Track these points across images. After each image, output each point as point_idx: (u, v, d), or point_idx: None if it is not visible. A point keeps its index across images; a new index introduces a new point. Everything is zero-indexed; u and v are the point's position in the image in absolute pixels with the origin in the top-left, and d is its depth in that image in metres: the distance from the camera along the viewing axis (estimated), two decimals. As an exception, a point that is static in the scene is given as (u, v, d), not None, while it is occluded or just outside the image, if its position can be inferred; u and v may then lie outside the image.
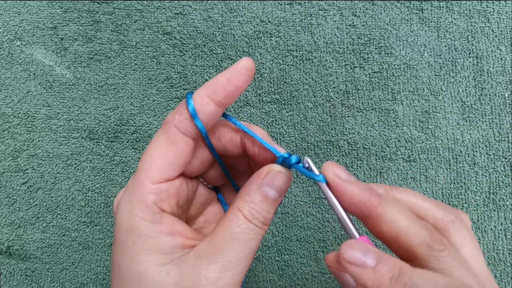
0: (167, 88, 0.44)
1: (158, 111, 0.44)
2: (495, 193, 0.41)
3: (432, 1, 0.44)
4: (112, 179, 0.43)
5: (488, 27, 0.43)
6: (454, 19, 0.43)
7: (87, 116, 0.44)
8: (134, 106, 0.44)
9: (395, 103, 0.43)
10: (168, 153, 0.24)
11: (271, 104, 0.43)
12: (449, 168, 0.42)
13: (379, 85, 0.43)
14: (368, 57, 0.43)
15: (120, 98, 0.44)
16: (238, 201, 0.24)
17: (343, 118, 0.43)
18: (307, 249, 0.41)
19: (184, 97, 0.44)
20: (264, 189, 0.24)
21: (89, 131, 0.44)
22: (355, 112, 0.43)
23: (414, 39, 0.43)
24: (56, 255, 0.43)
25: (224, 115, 0.26)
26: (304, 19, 0.44)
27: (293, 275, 0.41)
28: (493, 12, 0.43)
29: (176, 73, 0.44)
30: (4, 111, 0.44)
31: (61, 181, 0.43)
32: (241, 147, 0.27)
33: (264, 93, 0.43)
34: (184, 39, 0.44)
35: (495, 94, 0.42)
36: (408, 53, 0.43)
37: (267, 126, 0.43)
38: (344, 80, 0.43)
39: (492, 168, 0.42)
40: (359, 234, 0.23)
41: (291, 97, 0.43)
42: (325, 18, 0.44)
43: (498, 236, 0.41)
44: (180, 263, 0.23)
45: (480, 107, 0.42)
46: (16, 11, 0.45)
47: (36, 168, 0.43)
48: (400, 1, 0.44)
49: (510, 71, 0.43)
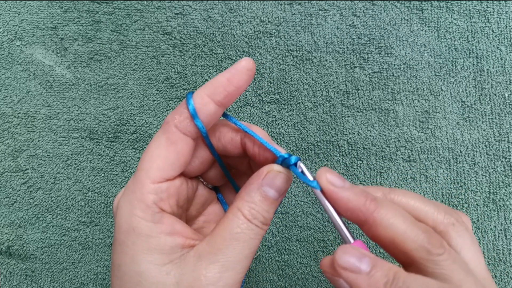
0: (167, 88, 0.44)
1: (158, 111, 0.44)
2: (495, 193, 0.41)
3: (432, 1, 0.44)
4: (112, 179, 0.43)
5: (488, 27, 0.43)
6: (454, 19, 0.43)
7: (87, 116, 0.44)
8: (134, 106, 0.44)
9: (395, 103, 0.43)
10: (168, 153, 0.24)
11: (271, 104, 0.43)
12: (449, 168, 0.42)
13: (379, 85, 0.43)
14: (368, 57, 0.43)
15: (120, 98, 0.44)
16: (238, 201, 0.24)
17: (343, 118, 0.43)
18: (307, 249, 0.41)
19: (184, 97, 0.44)
20: (264, 189, 0.24)
21: (89, 131, 0.44)
22: (355, 112, 0.43)
23: (414, 39, 0.43)
24: (56, 255, 0.43)
25: (224, 115, 0.26)
26: (304, 19, 0.44)
27: (293, 275, 0.41)
28: (493, 12, 0.43)
29: (176, 73, 0.44)
30: (4, 111, 0.44)
31: (61, 181, 0.43)
32: (241, 147, 0.27)
33: (264, 93, 0.43)
34: (184, 39, 0.44)
35: (495, 94, 0.42)
36: (408, 53, 0.43)
37: (267, 126, 0.43)
38: (344, 80, 0.43)
39: (492, 168, 0.42)
40: (354, 239, 0.23)
41: (291, 97, 0.43)
42: (325, 18, 0.44)
43: (498, 236, 0.41)
44: (180, 263, 0.23)
45: (480, 107, 0.42)
46: (16, 11, 0.45)
47: (36, 168, 0.43)
48: (400, 1, 0.44)
49: (510, 71, 0.43)
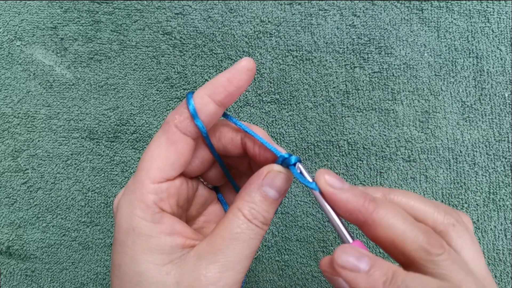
0: (167, 88, 0.44)
1: (158, 111, 0.44)
2: (495, 193, 0.41)
3: (432, 1, 0.44)
4: (112, 179, 0.43)
5: (488, 27, 0.43)
6: (454, 19, 0.43)
7: (87, 116, 0.44)
8: (134, 106, 0.44)
9: (395, 103, 0.43)
10: (169, 153, 0.24)
11: (271, 104, 0.43)
12: (449, 168, 0.42)
13: (379, 85, 0.43)
14: (368, 57, 0.43)
15: (120, 98, 0.44)
16: (238, 201, 0.24)
17: (343, 118, 0.43)
18: (307, 249, 0.41)
19: (184, 97, 0.44)
20: (264, 189, 0.24)
21: (89, 131, 0.44)
22: (355, 112, 0.43)
23: (414, 39, 0.43)
24: (56, 255, 0.43)
25: (225, 115, 0.26)
26: (304, 19, 0.44)
27: (293, 275, 0.41)
28: (493, 12, 0.43)
29: (176, 73, 0.44)
30: (4, 111, 0.44)
31: (61, 181, 0.43)
32: (242, 147, 0.27)
33: (264, 93, 0.43)
34: (184, 39, 0.44)
35: (495, 94, 0.42)
36: (408, 53, 0.43)
37: (267, 126, 0.43)
38: (344, 80, 0.43)
39: (492, 168, 0.42)
40: (353, 239, 0.23)
41: (291, 97, 0.43)
42: (325, 18, 0.44)
43: (498, 236, 0.41)
44: (180, 263, 0.23)
45: (480, 107, 0.42)
46: (16, 11, 0.45)
47: (36, 168, 0.43)
48: (400, 1, 0.44)
49: (510, 71, 0.43)
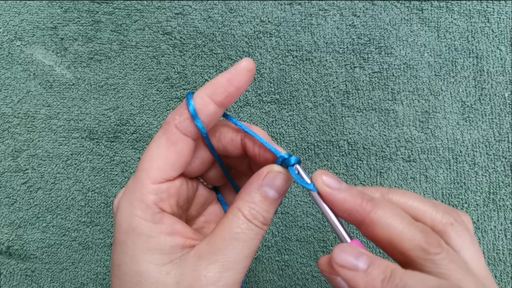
0: (167, 88, 0.44)
1: (158, 111, 0.44)
2: (495, 193, 0.41)
3: (432, 1, 0.44)
4: (112, 179, 0.43)
5: (488, 27, 0.43)
6: (454, 19, 0.43)
7: (87, 116, 0.44)
8: (134, 106, 0.44)
9: (395, 103, 0.43)
10: (169, 154, 0.24)
11: (271, 104, 0.43)
12: (449, 168, 0.42)
13: (379, 85, 0.43)
14: (368, 57, 0.43)
15: (120, 98, 0.44)
16: (238, 201, 0.24)
17: (343, 118, 0.43)
18: (307, 249, 0.41)
19: (184, 97, 0.44)
20: (264, 189, 0.24)
21: (89, 131, 0.44)
22: (355, 112, 0.43)
23: (414, 39, 0.43)
24: (56, 255, 0.43)
25: (225, 115, 0.26)
26: (304, 19, 0.44)
27: (293, 275, 0.41)
28: (493, 12, 0.43)
29: (176, 73, 0.44)
30: (4, 111, 0.44)
31: (61, 181, 0.43)
32: (242, 148, 0.27)
33: (264, 93, 0.43)
34: (184, 39, 0.44)
35: (495, 94, 0.42)
36: (408, 53, 0.43)
37: (267, 126, 0.43)
38: (344, 80, 0.43)
39: (492, 168, 0.42)
40: (351, 238, 0.23)
41: (291, 97, 0.43)
42: (325, 18, 0.44)
43: (498, 236, 0.41)
44: (180, 263, 0.23)
45: (480, 107, 0.42)
46: (16, 11, 0.45)
47: (36, 168, 0.43)
48: (400, 1, 0.44)
49: (510, 71, 0.43)
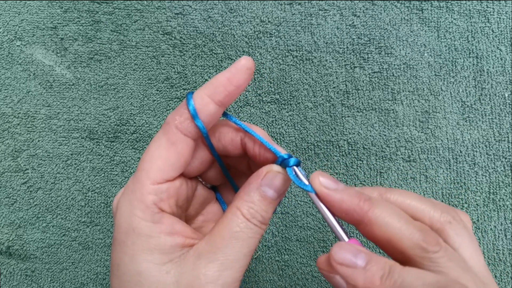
0: (167, 88, 0.44)
1: (158, 111, 0.44)
2: (495, 193, 0.41)
3: (432, 1, 0.44)
4: (112, 179, 0.43)
5: (488, 27, 0.43)
6: (454, 19, 0.43)
7: (87, 116, 0.44)
8: (134, 106, 0.44)
9: (395, 103, 0.43)
10: (169, 154, 0.24)
11: (271, 104, 0.43)
12: (449, 168, 0.42)
13: (379, 85, 0.43)
14: (368, 57, 0.43)
15: (120, 98, 0.44)
16: (237, 201, 0.24)
17: (343, 118, 0.43)
18: (307, 249, 0.41)
19: (184, 97, 0.44)
20: (263, 189, 0.24)
21: (89, 131, 0.44)
22: (355, 112, 0.43)
23: (414, 39, 0.43)
24: (56, 255, 0.43)
25: (224, 114, 0.26)
26: (304, 19, 0.44)
27: (293, 275, 0.41)
28: (493, 12, 0.43)
29: (176, 73, 0.44)
30: (4, 111, 0.44)
31: (61, 181, 0.43)
32: (242, 148, 0.27)
33: (264, 93, 0.43)
34: (184, 39, 0.44)
35: (495, 94, 0.42)
36: (408, 53, 0.43)
37: (267, 126, 0.43)
38: (344, 80, 0.43)
39: (492, 168, 0.42)
40: (349, 237, 0.23)
41: (291, 97, 0.43)
42: (325, 18, 0.44)
43: (498, 236, 0.41)
44: (180, 262, 0.23)
45: (480, 107, 0.42)
46: (16, 11, 0.45)
47: (36, 168, 0.44)
48: (400, 1, 0.44)
49: (510, 71, 0.42)
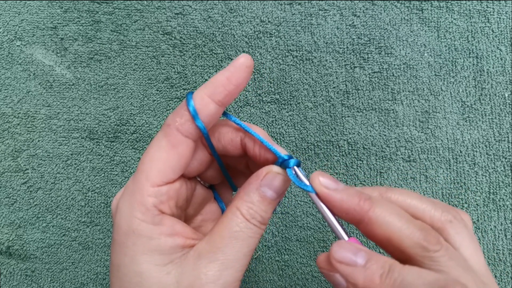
0: (167, 88, 0.44)
1: (158, 111, 0.44)
2: (495, 193, 0.41)
3: (432, 1, 0.44)
4: (112, 179, 0.43)
5: (488, 27, 0.43)
6: (454, 19, 0.43)
7: (87, 116, 0.44)
8: (134, 106, 0.44)
9: (395, 103, 0.43)
10: (169, 156, 0.24)
11: (271, 104, 0.43)
12: (449, 168, 0.42)
13: (379, 85, 0.43)
14: (368, 57, 0.43)
15: (120, 98, 0.44)
16: (237, 201, 0.24)
17: (343, 118, 0.43)
18: (307, 249, 0.41)
19: (184, 97, 0.44)
20: (263, 190, 0.24)
21: (89, 131, 0.44)
22: (355, 112, 0.43)
23: (414, 39, 0.43)
24: (56, 255, 0.43)
25: (224, 114, 0.26)
26: (304, 19, 0.44)
27: (293, 275, 0.41)
28: (493, 12, 0.43)
29: (176, 73, 0.44)
30: (4, 111, 0.44)
31: (61, 181, 0.43)
32: (241, 148, 0.27)
33: (264, 93, 0.43)
34: (184, 39, 0.44)
35: (495, 94, 0.42)
36: (408, 53, 0.43)
37: (267, 126, 0.43)
38: (344, 80, 0.43)
39: (492, 168, 0.42)
40: (349, 236, 0.24)
41: (291, 97, 0.43)
42: (325, 18, 0.44)
43: (498, 236, 0.41)
44: (181, 263, 0.23)
45: (480, 107, 0.42)
46: (16, 11, 0.45)
47: (36, 168, 0.44)
48: (400, 1, 0.44)
49: (510, 71, 0.42)
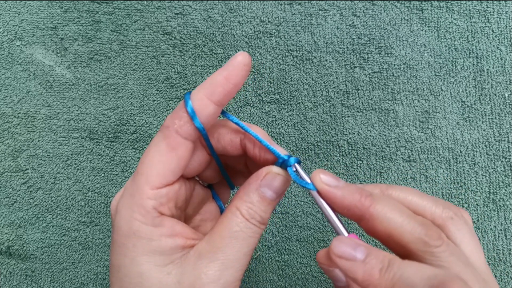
0: (167, 88, 0.44)
1: (158, 111, 0.44)
2: (495, 193, 0.41)
3: (432, 1, 0.44)
4: (112, 179, 0.43)
5: (488, 27, 0.43)
6: (454, 19, 0.43)
7: (87, 116, 0.44)
8: (134, 106, 0.44)
9: (395, 103, 0.43)
10: (169, 159, 0.24)
11: (271, 104, 0.43)
12: (449, 168, 0.42)
13: (379, 85, 0.43)
14: (368, 57, 0.43)
15: (120, 98, 0.44)
16: (237, 201, 0.24)
17: (343, 118, 0.43)
18: (307, 249, 0.41)
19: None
20: (262, 190, 0.24)
21: (89, 131, 0.44)
22: (355, 112, 0.43)
23: (414, 39, 0.43)
24: (56, 255, 0.43)
25: (223, 112, 0.26)
26: (304, 19, 0.44)
27: (293, 275, 0.41)
28: (493, 12, 0.43)
29: (176, 73, 0.44)
30: (4, 111, 0.44)
31: (61, 181, 0.43)
32: (241, 148, 0.27)
33: (264, 93, 0.43)
34: (184, 39, 0.44)
35: (495, 94, 0.42)
36: (408, 53, 0.43)
37: (267, 126, 0.43)
38: (344, 80, 0.43)
39: (492, 168, 0.42)
40: (348, 233, 0.24)
41: (291, 97, 0.43)
42: (325, 18, 0.44)
43: (498, 236, 0.41)
44: (181, 263, 0.23)
45: (480, 107, 0.42)
46: (16, 11, 0.45)
47: (36, 168, 0.44)
48: (400, 1, 0.44)
49: (510, 71, 0.42)
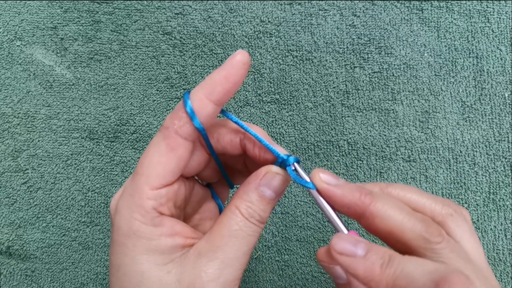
0: (167, 88, 0.44)
1: (158, 111, 0.44)
2: (495, 193, 0.41)
3: (432, 1, 0.44)
4: (112, 179, 0.43)
5: (488, 27, 0.43)
6: (454, 19, 0.43)
7: (87, 116, 0.44)
8: (134, 106, 0.44)
9: (395, 103, 0.43)
10: (168, 160, 0.24)
11: (271, 104, 0.43)
12: (449, 168, 0.42)
13: (379, 85, 0.43)
14: (368, 57, 0.43)
15: (120, 98, 0.44)
16: (236, 200, 0.24)
17: (343, 118, 0.43)
18: (307, 249, 0.41)
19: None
20: (262, 189, 0.24)
21: (89, 131, 0.44)
22: (355, 112, 0.43)
23: (414, 39, 0.43)
24: (56, 255, 0.43)
25: (222, 112, 0.26)
26: (304, 19, 0.44)
27: (293, 275, 0.41)
28: (493, 12, 0.43)
29: (176, 73, 0.44)
30: (4, 111, 0.44)
31: (61, 181, 0.43)
32: (241, 148, 0.27)
33: (264, 93, 0.43)
34: (184, 39, 0.44)
35: (495, 94, 0.42)
36: (408, 53, 0.43)
37: (267, 126, 0.43)
38: (344, 80, 0.43)
39: (492, 168, 0.42)
40: (348, 230, 0.24)
41: (291, 97, 0.43)
42: (325, 18, 0.44)
43: (498, 236, 0.41)
44: (181, 262, 0.23)
45: (480, 107, 0.42)
46: (16, 11, 0.45)
47: (36, 168, 0.44)
48: (400, 1, 0.44)
49: (510, 71, 0.42)
